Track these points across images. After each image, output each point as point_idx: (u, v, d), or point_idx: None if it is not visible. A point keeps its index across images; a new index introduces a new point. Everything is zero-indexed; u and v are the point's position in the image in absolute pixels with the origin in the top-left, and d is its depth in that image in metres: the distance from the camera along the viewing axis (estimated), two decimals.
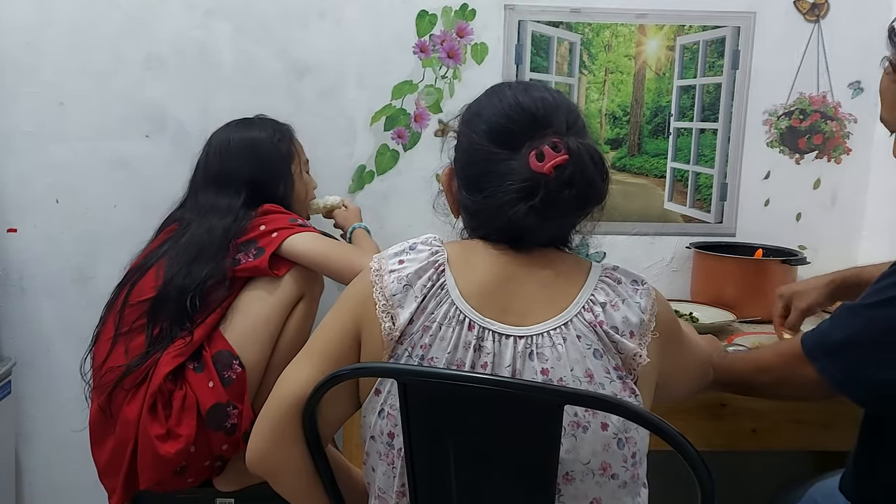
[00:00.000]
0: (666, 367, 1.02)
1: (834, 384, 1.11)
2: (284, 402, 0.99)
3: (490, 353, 0.93)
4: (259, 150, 1.64)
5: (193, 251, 1.52)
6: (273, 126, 1.69)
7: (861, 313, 1.11)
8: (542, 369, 0.92)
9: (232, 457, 1.51)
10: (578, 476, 0.92)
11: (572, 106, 1.00)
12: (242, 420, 1.47)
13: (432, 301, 0.95)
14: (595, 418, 0.92)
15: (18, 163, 1.90)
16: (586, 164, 0.93)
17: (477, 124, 0.99)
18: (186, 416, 1.44)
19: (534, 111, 0.96)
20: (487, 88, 1.04)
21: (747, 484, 1.96)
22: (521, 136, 0.95)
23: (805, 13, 1.99)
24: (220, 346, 1.49)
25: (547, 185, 0.92)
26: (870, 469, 1.18)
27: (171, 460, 1.43)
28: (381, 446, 0.98)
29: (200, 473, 1.49)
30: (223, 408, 1.45)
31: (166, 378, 1.44)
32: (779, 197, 2.07)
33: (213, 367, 1.46)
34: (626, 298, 0.97)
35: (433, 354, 0.94)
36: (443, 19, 1.94)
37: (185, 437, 1.43)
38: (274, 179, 1.64)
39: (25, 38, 1.86)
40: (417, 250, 0.99)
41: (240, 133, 1.66)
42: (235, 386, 1.47)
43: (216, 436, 1.46)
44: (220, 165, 1.62)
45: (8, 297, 1.96)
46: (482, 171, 0.98)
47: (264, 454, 1.00)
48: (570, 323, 0.94)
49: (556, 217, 0.95)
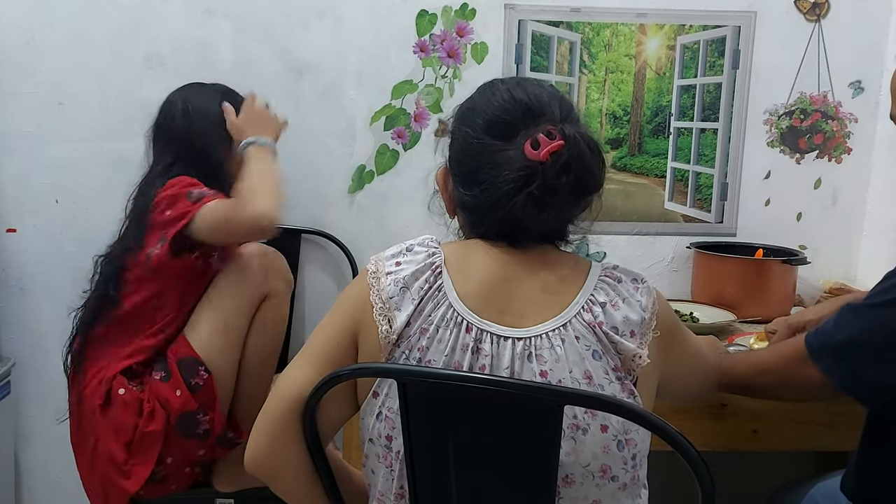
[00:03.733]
0: (667, 368, 1.01)
1: (838, 384, 1.11)
2: (283, 402, 0.98)
3: (488, 355, 0.92)
4: (197, 115, 1.54)
5: (123, 224, 1.51)
6: (220, 91, 1.59)
7: (865, 313, 1.11)
8: (540, 371, 0.92)
9: (216, 459, 1.50)
10: (578, 479, 0.92)
11: (566, 98, 1.01)
12: (214, 426, 1.44)
13: (429, 303, 0.94)
14: (595, 420, 0.91)
15: (18, 163, 1.90)
16: (582, 150, 0.92)
17: (471, 119, 1.00)
18: (149, 442, 1.41)
19: (527, 102, 0.96)
20: (480, 85, 1.04)
21: (747, 484, 1.96)
22: (515, 126, 0.95)
23: (806, 13, 1.99)
24: (185, 352, 1.44)
25: (544, 172, 0.92)
26: (873, 469, 1.17)
27: (130, 493, 1.42)
28: (379, 449, 0.97)
29: (183, 479, 1.48)
30: (192, 416, 1.42)
31: (124, 386, 1.42)
32: (779, 197, 2.07)
33: (178, 374, 1.42)
34: (626, 297, 0.96)
35: (431, 357, 0.93)
36: (443, 19, 1.94)
37: (147, 468, 1.40)
38: (206, 146, 1.51)
39: (25, 38, 1.86)
40: (414, 252, 0.99)
41: (188, 94, 1.58)
42: (204, 393, 1.43)
43: (189, 443, 1.43)
44: (158, 122, 1.56)
45: (8, 297, 1.96)
46: (478, 163, 0.97)
47: (263, 456, 0.99)
48: (569, 324, 0.93)
49: (555, 205, 0.94)
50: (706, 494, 0.84)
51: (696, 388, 1.18)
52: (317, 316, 1.85)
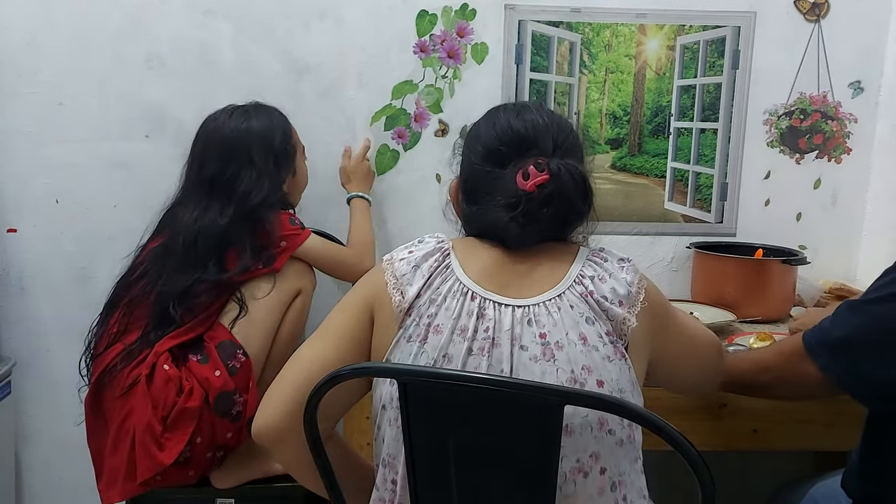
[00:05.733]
0: (657, 341, 1.07)
1: (836, 382, 1.11)
2: (302, 373, 1.04)
3: (491, 319, 1.00)
4: (264, 149, 1.59)
5: (175, 260, 1.51)
6: (270, 117, 1.63)
7: (862, 310, 1.11)
8: (539, 333, 0.99)
9: (234, 446, 1.52)
10: (577, 429, 0.95)
11: (564, 125, 1.10)
12: (247, 408, 1.48)
13: (438, 278, 1.04)
14: (591, 376, 0.97)
15: (18, 163, 1.91)
16: (566, 184, 1.02)
17: (474, 146, 1.12)
18: (186, 418, 1.44)
19: (523, 133, 1.07)
20: (487, 111, 1.15)
21: (747, 484, 1.97)
22: (509, 155, 1.06)
23: (805, 13, 1.99)
24: (223, 336, 1.51)
25: (528, 201, 1.02)
26: (874, 467, 1.18)
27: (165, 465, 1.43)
28: (391, 412, 1.01)
29: (202, 465, 1.50)
30: (230, 396, 1.47)
31: (168, 363, 1.46)
32: (779, 197, 2.07)
33: (217, 357, 1.48)
34: (612, 273, 1.04)
35: (439, 322, 1.01)
36: (443, 19, 1.94)
37: (181, 444, 1.43)
38: (276, 177, 1.60)
39: (25, 38, 1.86)
40: (425, 242, 1.09)
41: (237, 124, 1.59)
42: (241, 375, 1.49)
43: (222, 423, 1.47)
44: (216, 164, 1.56)
45: (8, 297, 1.96)
46: (476, 185, 1.10)
47: (275, 422, 1.04)
48: (563, 295, 1.02)
49: (536, 230, 1.04)
50: (706, 494, 0.84)
51: (693, 375, 1.20)
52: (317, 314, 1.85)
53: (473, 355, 0.98)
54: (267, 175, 1.58)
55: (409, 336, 1.01)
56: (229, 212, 1.53)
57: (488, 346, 0.98)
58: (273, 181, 1.59)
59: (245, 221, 1.54)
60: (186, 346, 1.52)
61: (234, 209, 1.53)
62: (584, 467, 0.96)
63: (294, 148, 1.67)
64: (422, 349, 1.00)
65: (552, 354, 0.97)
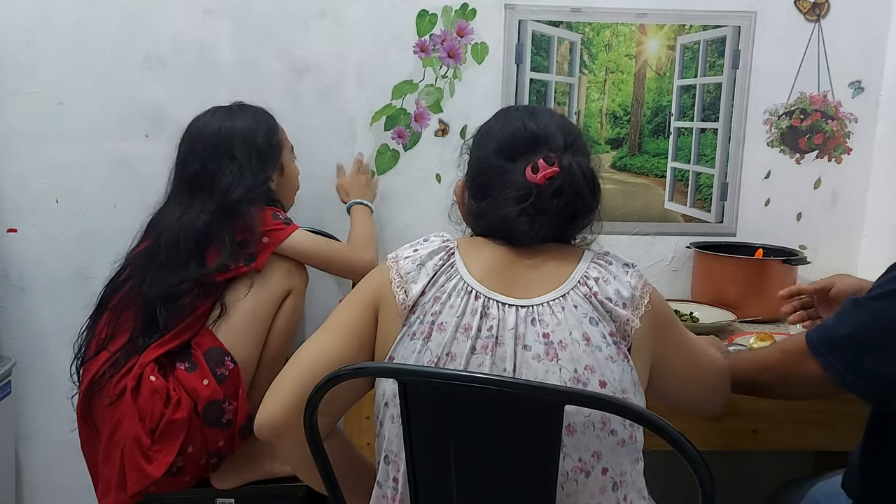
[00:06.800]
0: (659, 347, 1.07)
1: (838, 380, 1.10)
2: (307, 368, 1.05)
3: (495, 318, 1.01)
4: (246, 145, 1.56)
5: (159, 261, 1.49)
6: (254, 115, 1.62)
7: (866, 306, 1.10)
8: (543, 333, 1.00)
9: (228, 452, 1.51)
10: (580, 428, 0.96)
11: (573, 128, 1.13)
12: (238, 416, 1.47)
13: (442, 276, 1.05)
14: (594, 376, 0.98)
15: (18, 163, 1.90)
16: (576, 178, 1.04)
17: (486, 142, 1.13)
18: (174, 430, 1.42)
19: (535, 131, 1.09)
20: (498, 111, 1.18)
21: (747, 484, 1.96)
22: (522, 150, 1.07)
23: (806, 13, 1.99)
24: (210, 343, 1.48)
25: (539, 193, 1.03)
26: (876, 467, 1.17)
27: (154, 477, 1.42)
28: (393, 409, 1.01)
29: (197, 472, 1.49)
30: (219, 404, 1.45)
31: (155, 374, 1.44)
32: (779, 197, 2.07)
33: (205, 364, 1.45)
34: (616, 276, 1.05)
35: (443, 319, 1.02)
36: (443, 19, 1.94)
37: (170, 456, 1.42)
38: (259, 172, 1.57)
39: (25, 38, 1.86)
40: (430, 241, 1.11)
41: (220, 123, 1.57)
42: (229, 382, 1.46)
43: (212, 433, 1.45)
44: (198, 162, 1.55)
45: (8, 297, 1.96)
46: (487, 180, 1.10)
47: (279, 416, 1.05)
48: (567, 295, 1.03)
49: (546, 223, 1.05)
50: (706, 494, 0.84)
51: (694, 394, 1.19)
52: (316, 314, 1.86)
53: (477, 353, 0.99)
54: (249, 170, 1.54)
55: (412, 333, 1.02)
56: (210, 207, 1.50)
57: (492, 344, 0.99)
58: (255, 176, 1.55)
59: (226, 216, 1.50)
60: (174, 354, 1.49)
61: (215, 205, 1.51)
62: (587, 466, 0.97)
63: (279, 144, 1.63)
64: (425, 346, 1.00)
65: (555, 354, 0.98)
